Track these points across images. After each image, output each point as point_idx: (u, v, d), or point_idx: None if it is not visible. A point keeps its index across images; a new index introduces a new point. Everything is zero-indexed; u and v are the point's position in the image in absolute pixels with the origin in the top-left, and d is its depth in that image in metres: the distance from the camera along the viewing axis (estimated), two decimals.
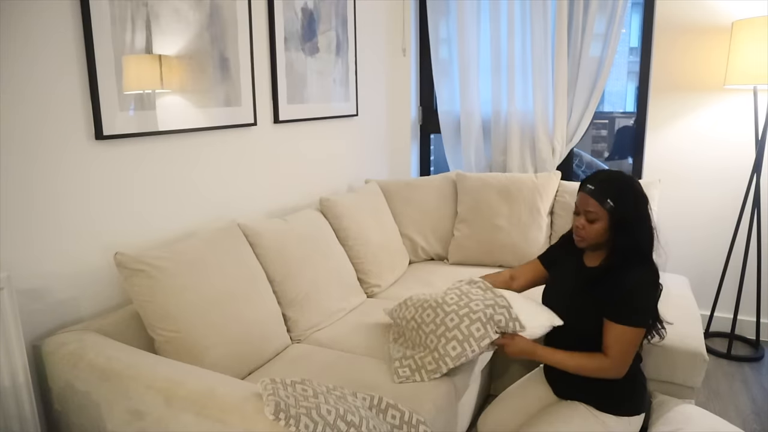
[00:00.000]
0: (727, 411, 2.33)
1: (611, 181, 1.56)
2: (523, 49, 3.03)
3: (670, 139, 2.93)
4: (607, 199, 1.52)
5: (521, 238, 2.69)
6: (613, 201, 1.52)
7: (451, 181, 2.96)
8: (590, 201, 1.55)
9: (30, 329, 1.54)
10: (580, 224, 1.58)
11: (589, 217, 1.56)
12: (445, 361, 1.71)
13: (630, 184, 1.56)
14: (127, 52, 1.73)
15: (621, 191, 1.54)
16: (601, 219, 1.54)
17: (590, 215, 1.55)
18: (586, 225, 1.57)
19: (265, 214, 2.43)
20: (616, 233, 1.55)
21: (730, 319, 2.88)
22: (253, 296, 1.85)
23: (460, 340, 1.71)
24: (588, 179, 1.59)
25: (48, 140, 1.57)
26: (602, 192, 1.53)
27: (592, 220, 1.56)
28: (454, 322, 1.73)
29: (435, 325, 1.76)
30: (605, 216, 1.53)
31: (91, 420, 1.44)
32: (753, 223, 2.71)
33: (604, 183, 1.55)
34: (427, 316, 1.81)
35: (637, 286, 1.52)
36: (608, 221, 1.54)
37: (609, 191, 1.53)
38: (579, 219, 1.59)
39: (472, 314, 1.72)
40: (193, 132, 2.02)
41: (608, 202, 1.52)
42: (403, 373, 1.73)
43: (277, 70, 2.40)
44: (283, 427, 1.11)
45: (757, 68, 2.47)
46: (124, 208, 1.80)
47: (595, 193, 1.54)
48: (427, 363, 1.74)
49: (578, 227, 1.59)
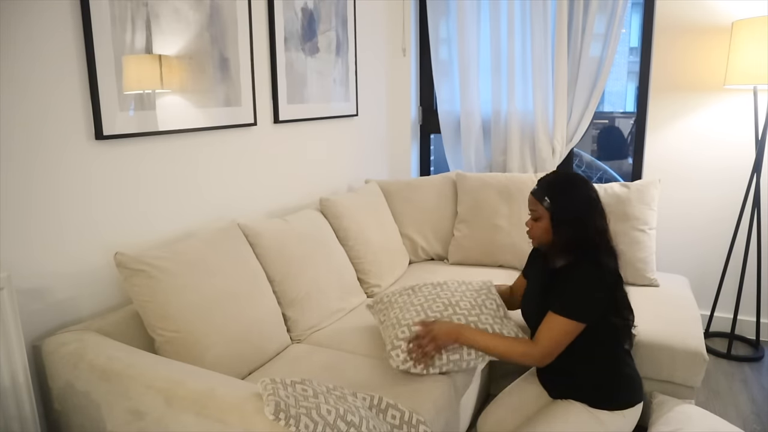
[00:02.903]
0: (727, 411, 2.33)
1: (553, 181, 1.67)
2: (523, 49, 3.03)
3: (670, 139, 2.93)
4: (545, 197, 1.64)
5: (521, 238, 2.69)
6: (550, 199, 1.63)
7: (451, 181, 2.96)
8: (531, 199, 1.68)
9: (30, 329, 1.54)
10: (528, 223, 1.71)
11: (533, 216, 1.68)
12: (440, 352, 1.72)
13: (572, 184, 1.66)
14: (127, 52, 1.73)
15: (561, 190, 1.64)
16: (543, 217, 1.65)
17: (533, 213, 1.68)
18: (532, 223, 1.69)
19: (265, 214, 2.43)
20: (556, 230, 1.63)
21: (730, 319, 2.88)
22: (253, 296, 1.85)
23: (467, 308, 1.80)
24: (539, 179, 1.71)
25: (48, 140, 1.57)
26: (542, 191, 1.65)
27: (536, 219, 1.67)
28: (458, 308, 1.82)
29: (440, 315, 1.81)
30: (546, 214, 1.64)
31: (91, 420, 1.44)
32: (753, 223, 2.71)
33: (545, 183, 1.67)
34: (436, 306, 1.85)
35: (576, 280, 1.58)
36: (549, 219, 1.64)
37: (548, 190, 1.64)
38: (528, 219, 1.71)
39: (480, 325, 1.78)
40: (193, 132, 2.02)
41: (545, 199, 1.64)
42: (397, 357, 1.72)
43: (277, 70, 2.40)
44: (283, 427, 1.11)
45: (757, 68, 2.47)
46: (124, 208, 1.80)
47: (537, 192, 1.67)
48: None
49: (527, 226, 1.71)
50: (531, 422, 1.68)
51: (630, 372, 1.68)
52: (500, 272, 2.68)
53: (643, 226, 2.53)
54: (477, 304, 1.88)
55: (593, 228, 1.62)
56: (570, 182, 1.66)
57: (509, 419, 1.78)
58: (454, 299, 1.88)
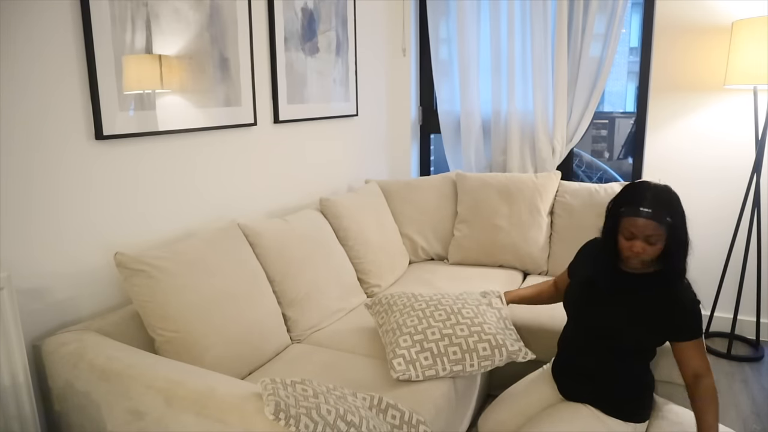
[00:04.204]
0: (727, 411, 2.33)
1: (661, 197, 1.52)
2: (523, 49, 3.03)
3: (670, 139, 2.93)
4: (666, 218, 1.48)
5: (521, 238, 2.69)
6: (671, 217, 1.49)
7: (451, 181, 2.96)
8: (650, 224, 1.49)
9: (30, 329, 1.54)
10: (641, 249, 1.52)
11: (650, 241, 1.51)
12: (443, 361, 1.72)
13: (673, 193, 1.54)
14: (127, 52, 1.73)
15: (673, 204, 1.51)
16: (662, 239, 1.50)
17: (651, 238, 1.50)
18: (647, 248, 1.51)
19: (265, 214, 2.43)
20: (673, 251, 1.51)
21: (730, 319, 2.88)
22: (253, 296, 1.85)
23: (463, 349, 1.76)
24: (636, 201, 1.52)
25: (48, 140, 1.57)
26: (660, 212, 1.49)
27: (653, 243, 1.51)
28: (463, 333, 1.80)
29: (443, 324, 1.81)
30: (664, 234, 1.49)
31: (91, 420, 1.44)
32: (753, 223, 2.71)
33: (656, 202, 1.50)
34: (438, 315, 1.85)
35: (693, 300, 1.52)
36: (666, 237, 1.50)
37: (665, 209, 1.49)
38: (636, 244, 1.53)
39: (483, 334, 1.79)
40: (193, 132, 2.02)
41: (667, 219, 1.48)
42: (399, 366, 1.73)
43: (277, 70, 2.40)
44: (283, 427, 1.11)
45: (757, 68, 2.47)
46: (124, 208, 1.80)
47: (654, 215, 1.48)
48: (423, 358, 1.75)
49: (638, 252, 1.52)
50: (535, 421, 1.66)
51: (651, 385, 1.65)
52: (500, 272, 2.68)
53: None
54: (480, 312, 1.88)
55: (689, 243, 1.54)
56: (674, 194, 1.53)
57: (510, 420, 1.77)
58: (456, 307, 1.88)
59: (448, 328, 1.81)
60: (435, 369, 1.74)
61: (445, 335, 1.79)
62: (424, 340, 1.79)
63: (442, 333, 1.80)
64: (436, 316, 1.84)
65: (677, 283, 1.54)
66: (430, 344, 1.78)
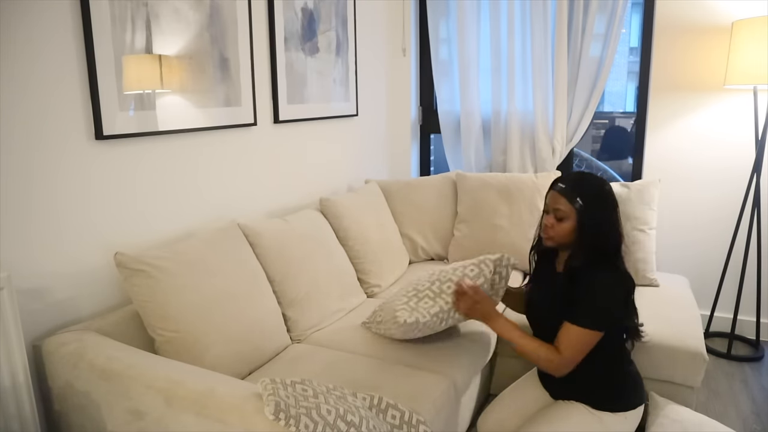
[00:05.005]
0: (727, 411, 2.33)
1: (583, 181, 1.59)
2: (523, 49, 3.03)
3: (670, 139, 2.93)
4: (576, 198, 1.55)
5: (521, 238, 2.69)
6: (582, 200, 1.55)
7: (451, 181, 2.96)
8: (560, 199, 1.58)
9: (30, 329, 1.54)
10: (549, 223, 1.61)
11: (558, 215, 1.59)
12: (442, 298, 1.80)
13: (601, 186, 1.60)
14: (127, 52, 1.73)
15: (591, 191, 1.57)
16: (570, 218, 1.57)
17: (559, 213, 1.58)
18: (555, 224, 1.60)
19: (265, 214, 2.43)
20: (582, 233, 1.57)
21: (730, 319, 2.88)
22: (253, 296, 1.85)
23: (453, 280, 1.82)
24: (560, 178, 1.62)
25: (48, 140, 1.57)
26: (573, 191, 1.56)
27: (560, 219, 1.59)
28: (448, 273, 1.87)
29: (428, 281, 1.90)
30: (574, 215, 1.56)
31: (91, 420, 1.44)
32: (753, 223, 2.71)
33: (575, 182, 1.58)
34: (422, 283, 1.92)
35: (596, 288, 1.53)
36: (576, 220, 1.57)
37: (579, 191, 1.56)
38: (548, 217, 1.62)
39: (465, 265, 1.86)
40: (193, 132, 2.02)
41: (578, 200, 1.55)
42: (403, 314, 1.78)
43: (277, 70, 2.40)
44: (283, 427, 1.11)
45: (757, 68, 2.47)
46: (124, 208, 1.80)
47: (566, 191, 1.57)
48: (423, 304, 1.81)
49: (547, 226, 1.62)
50: (532, 422, 1.68)
51: (632, 374, 1.67)
52: None
53: (643, 226, 2.53)
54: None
55: (618, 233, 1.58)
56: (600, 185, 1.59)
57: (510, 419, 1.78)
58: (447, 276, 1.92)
59: (435, 275, 1.89)
60: (438, 305, 1.79)
61: (434, 280, 1.87)
62: (417, 292, 1.86)
63: (431, 281, 1.87)
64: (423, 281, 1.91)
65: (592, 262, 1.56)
66: (425, 291, 1.85)
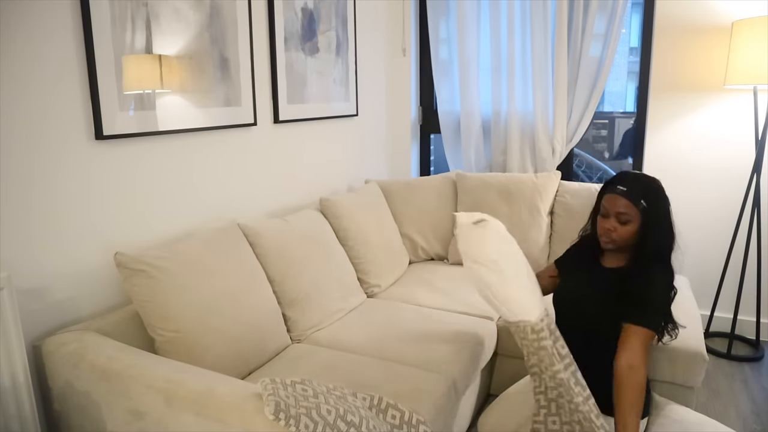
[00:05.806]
0: (727, 411, 2.33)
1: (641, 181, 1.55)
2: (523, 49, 3.03)
3: (670, 139, 2.93)
4: (640, 199, 1.51)
5: (521, 238, 2.67)
6: (646, 202, 1.51)
7: (451, 181, 2.96)
8: (622, 202, 1.53)
9: (30, 329, 1.54)
10: (611, 226, 1.55)
11: (621, 219, 1.54)
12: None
13: (658, 185, 1.56)
14: (127, 52, 1.73)
15: (653, 192, 1.54)
16: (634, 220, 1.53)
17: (622, 217, 1.53)
18: (618, 227, 1.55)
19: (265, 214, 2.43)
20: (646, 234, 1.53)
21: (730, 319, 2.88)
22: (253, 296, 1.85)
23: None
24: (616, 181, 1.57)
25: (48, 140, 1.56)
26: (635, 193, 1.52)
27: (624, 222, 1.54)
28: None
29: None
30: (638, 217, 1.52)
31: (91, 420, 1.44)
32: (753, 223, 2.71)
33: (635, 183, 1.54)
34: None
35: (657, 289, 1.51)
36: (640, 222, 1.53)
37: (641, 192, 1.52)
38: (609, 221, 1.57)
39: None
40: (193, 132, 2.02)
41: (641, 202, 1.51)
42: None
43: (277, 70, 2.40)
44: (283, 427, 1.11)
45: (757, 68, 2.47)
46: (124, 208, 1.80)
47: (628, 193, 1.52)
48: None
49: (609, 230, 1.56)
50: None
51: (647, 384, 1.63)
52: None
53: None
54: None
55: (674, 232, 1.56)
56: (657, 184, 1.56)
57: (510, 419, 1.77)
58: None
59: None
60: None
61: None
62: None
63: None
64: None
65: (650, 262, 1.53)
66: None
